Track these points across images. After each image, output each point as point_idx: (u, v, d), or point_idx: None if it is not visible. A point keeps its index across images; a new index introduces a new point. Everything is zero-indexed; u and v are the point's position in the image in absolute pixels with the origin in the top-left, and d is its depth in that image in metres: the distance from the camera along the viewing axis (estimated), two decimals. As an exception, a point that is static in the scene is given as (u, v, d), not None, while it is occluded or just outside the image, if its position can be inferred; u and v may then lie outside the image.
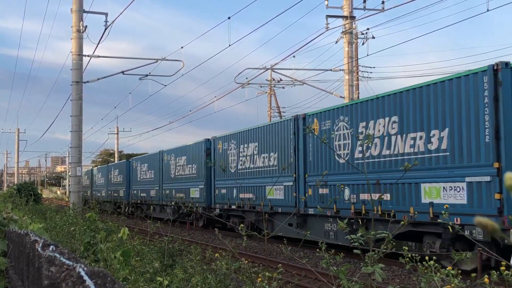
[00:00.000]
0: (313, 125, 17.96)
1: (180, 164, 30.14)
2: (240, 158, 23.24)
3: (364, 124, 15.51)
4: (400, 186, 14.07)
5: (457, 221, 11.82)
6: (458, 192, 12.50)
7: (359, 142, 15.66)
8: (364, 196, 15.42)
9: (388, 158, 14.58)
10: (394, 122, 14.39)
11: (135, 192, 38.53)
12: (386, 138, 14.68)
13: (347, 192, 16.09)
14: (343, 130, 16.41)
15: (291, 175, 18.96)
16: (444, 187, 12.86)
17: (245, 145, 22.80)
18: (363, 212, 15.21)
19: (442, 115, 12.97)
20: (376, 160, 14.98)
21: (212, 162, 26.01)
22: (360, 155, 15.61)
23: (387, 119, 14.64)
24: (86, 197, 50.85)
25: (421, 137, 13.54)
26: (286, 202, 19.46)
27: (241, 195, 22.89)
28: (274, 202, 20.09)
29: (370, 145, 15.17)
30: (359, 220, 14.86)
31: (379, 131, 14.91)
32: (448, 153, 12.84)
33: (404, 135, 14.07)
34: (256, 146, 21.83)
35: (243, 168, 22.96)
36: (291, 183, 19.09)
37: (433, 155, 13.18)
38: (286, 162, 19.57)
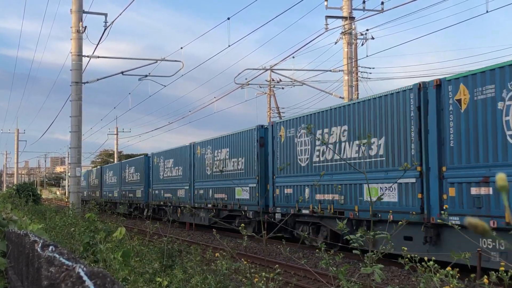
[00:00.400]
0: (457, 95, 12.29)
1: (220, 158, 24.39)
2: (316, 148, 17.57)
3: None
4: None
5: None
6: None
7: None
8: None
9: None
10: None
11: (156, 192, 32.71)
12: None
13: (533, 192, 10.42)
14: (524, 97, 10.73)
15: (413, 168, 13.25)
16: None
17: (324, 130, 17.12)
18: None
19: None
20: None
21: (271, 153, 20.37)
22: None
23: None
24: (95, 198, 45.00)
25: None
26: (402, 206, 13.78)
27: (318, 196, 17.23)
28: (379, 206, 14.39)
29: None
30: None
31: None
32: None
33: None
34: (345, 130, 16.14)
35: (320, 161, 17.30)
36: (413, 180, 13.40)
37: None
38: (402, 151, 13.89)
